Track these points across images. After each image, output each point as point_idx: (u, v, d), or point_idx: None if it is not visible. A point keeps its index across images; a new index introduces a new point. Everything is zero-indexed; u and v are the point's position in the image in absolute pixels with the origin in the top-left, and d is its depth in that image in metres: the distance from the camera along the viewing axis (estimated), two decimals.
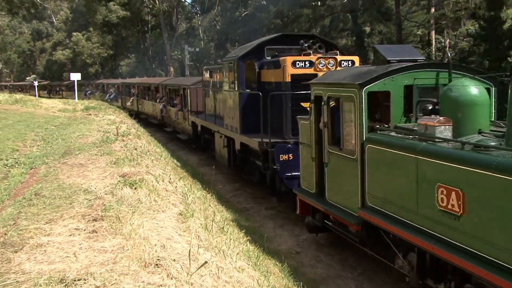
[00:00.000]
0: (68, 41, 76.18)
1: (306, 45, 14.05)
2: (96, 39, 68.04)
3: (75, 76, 43.12)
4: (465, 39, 36.26)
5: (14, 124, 22.49)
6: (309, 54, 13.66)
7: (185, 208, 8.81)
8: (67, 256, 5.71)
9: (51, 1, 70.66)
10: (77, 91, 55.29)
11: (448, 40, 40.93)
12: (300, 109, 12.73)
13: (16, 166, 12.91)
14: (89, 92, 54.51)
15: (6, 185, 10.96)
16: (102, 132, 17.90)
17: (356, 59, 13.80)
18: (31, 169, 12.38)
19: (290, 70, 13.26)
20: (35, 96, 54.35)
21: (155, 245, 6.24)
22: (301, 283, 9.01)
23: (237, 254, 7.72)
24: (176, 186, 10.87)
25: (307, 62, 13.31)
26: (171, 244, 6.53)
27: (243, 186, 17.20)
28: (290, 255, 10.85)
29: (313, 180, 10.59)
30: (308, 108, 11.43)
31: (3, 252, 5.98)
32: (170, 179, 11.37)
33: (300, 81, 12.61)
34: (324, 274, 9.84)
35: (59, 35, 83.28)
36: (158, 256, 5.79)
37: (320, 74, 12.43)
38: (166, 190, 9.98)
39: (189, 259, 5.78)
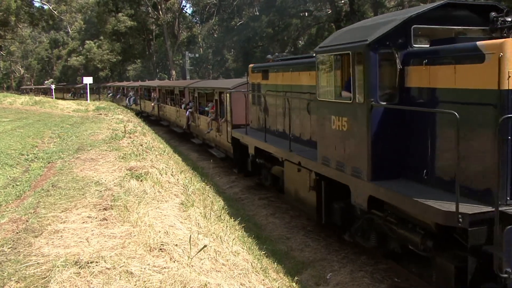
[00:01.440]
0: (81, 49, 76.00)
1: (510, 19, 6.89)
2: (106, 47, 67.87)
3: (87, 80, 42.98)
4: None
5: (33, 123, 22.46)
6: None
7: (186, 198, 8.80)
8: (81, 241, 5.74)
9: (67, 14, 70.34)
10: (100, 93, 55.73)
11: None
12: None
13: (36, 160, 12.94)
14: (110, 94, 54.18)
15: (27, 177, 11.00)
16: (111, 130, 17.88)
17: None
18: (48, 163, 12.39)
19: None
20: (53, 98, 54.52)
21: (159, 231, 6.24)
22: (291, 265, 9.05)
23: (233, 239, 7.72)
24: (177, 179, 10.84)
25: None
26: (174, 230, 6.53)
27: (238, 178, 17.05)
28: (281, 240, 10.84)
29: None
30: None
31: (25, 237, 6.01)
32: (172, 172, 11.34)
33: None
34: (311, 257, 9.82)
35: (74, 43, 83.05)
36: (162, 242, 5.80)
37: None
38: (169, 182, 9.97)
39: (190, 244, 5.78)
